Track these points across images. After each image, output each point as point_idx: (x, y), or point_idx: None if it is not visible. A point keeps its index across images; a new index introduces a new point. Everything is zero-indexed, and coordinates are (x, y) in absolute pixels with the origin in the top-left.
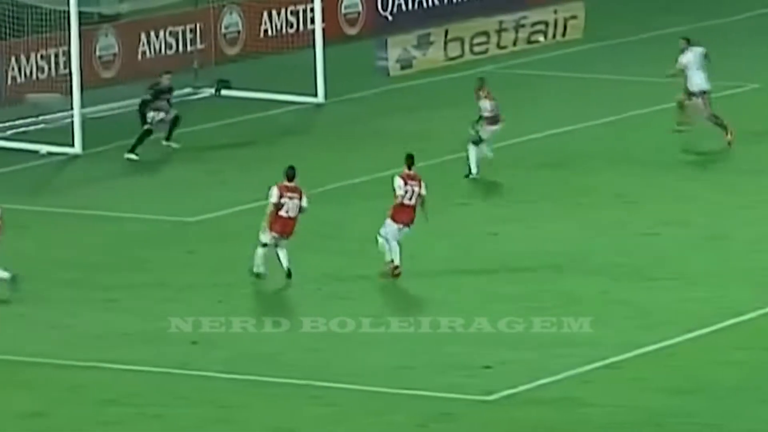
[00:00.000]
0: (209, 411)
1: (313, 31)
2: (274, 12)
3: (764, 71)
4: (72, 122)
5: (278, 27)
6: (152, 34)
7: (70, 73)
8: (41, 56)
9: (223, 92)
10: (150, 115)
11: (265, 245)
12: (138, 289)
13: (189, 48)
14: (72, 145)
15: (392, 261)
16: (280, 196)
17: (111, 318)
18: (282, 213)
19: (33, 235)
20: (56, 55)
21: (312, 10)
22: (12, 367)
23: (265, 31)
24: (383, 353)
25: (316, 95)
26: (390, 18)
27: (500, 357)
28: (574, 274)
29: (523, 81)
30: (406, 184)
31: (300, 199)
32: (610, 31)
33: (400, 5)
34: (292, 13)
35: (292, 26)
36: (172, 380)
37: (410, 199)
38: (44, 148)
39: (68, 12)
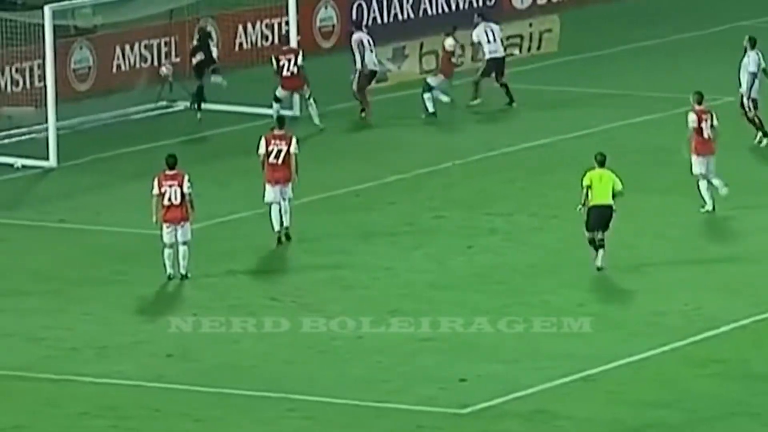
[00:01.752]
0: (184, 424)
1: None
2: (249, 25)
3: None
4: (47, 135)
5: (253, 40)
6: (127, 47)
7: (45, 86)
8: (16, 69)
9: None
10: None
11: (170, 246)
12: (114, 301)
13: (164, 61)
14: (47, 158)
15: (279, 231)
16: (160, 186)
17: (87, 331)
18: (165, 202)
19: (7, 248)
20: (31, 68)
21: (287, 23)
22: None
23: (240, 44)
24: (358, 365)
25: (291, 108)
26: (365, 31)
27: (475, 370)
28: (550, 287)
29: (498, 94)
30: (269, 144)
31: (180, 185)
32: (585, 44)
33: (375, 18)
34: (267, 26)
35: (267, 39)
36: (148, 393)
37: (276, 158)
38: (18, 162)
39: (43, 25)
